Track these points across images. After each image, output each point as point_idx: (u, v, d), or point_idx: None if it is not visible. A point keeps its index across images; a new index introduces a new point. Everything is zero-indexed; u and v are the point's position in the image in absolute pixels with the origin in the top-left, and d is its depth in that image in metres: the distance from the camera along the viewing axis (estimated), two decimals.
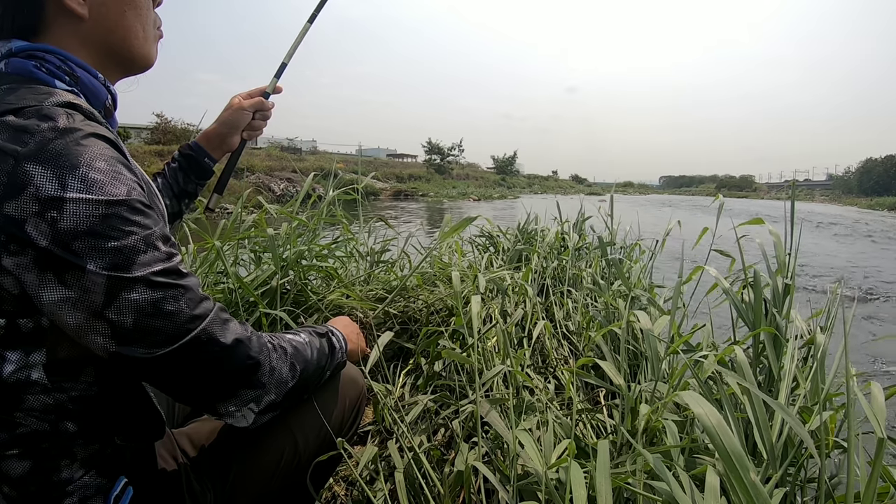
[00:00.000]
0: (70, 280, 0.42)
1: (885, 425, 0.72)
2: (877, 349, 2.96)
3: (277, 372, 0.55)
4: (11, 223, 0.41)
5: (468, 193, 32.86)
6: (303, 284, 1.52)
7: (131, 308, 0.44)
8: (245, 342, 0.52)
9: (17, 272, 0.42)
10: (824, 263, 6.49)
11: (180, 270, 0.49)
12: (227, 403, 0.52)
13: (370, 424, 1.10)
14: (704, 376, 0.97)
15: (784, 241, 1.27)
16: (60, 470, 0.50)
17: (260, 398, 0.54)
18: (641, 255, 2.35)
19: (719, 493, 0.64)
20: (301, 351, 0.61)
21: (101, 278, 0.43)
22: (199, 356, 0.49)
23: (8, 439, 0.47)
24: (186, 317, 0.48)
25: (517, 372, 1.06)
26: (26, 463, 0.48)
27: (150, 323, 0.46)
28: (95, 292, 0.43)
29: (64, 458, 0.50)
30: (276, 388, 0.55)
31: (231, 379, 0.51)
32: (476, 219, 1.88)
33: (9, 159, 0.41)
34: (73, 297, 0.43)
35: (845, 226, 13.69)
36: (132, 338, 0.45)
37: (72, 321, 0.44)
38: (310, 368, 0.62)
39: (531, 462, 0.79)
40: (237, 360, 0.51)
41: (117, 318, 0.44)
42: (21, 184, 0.41)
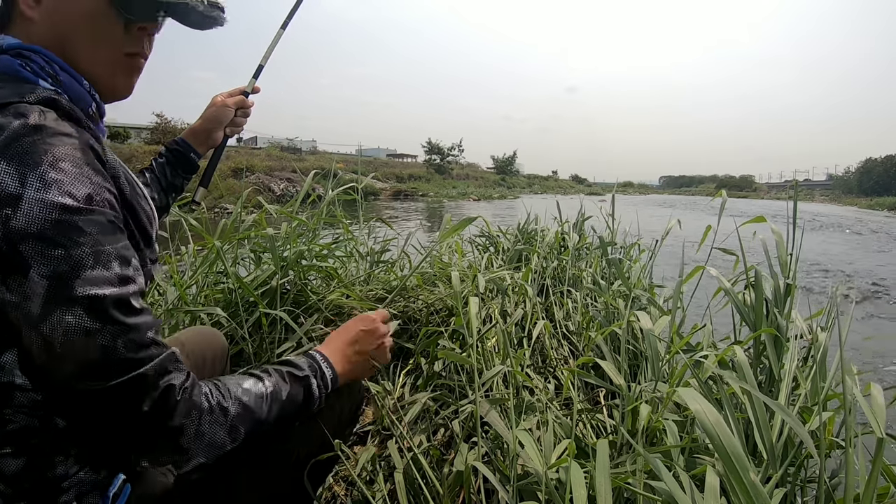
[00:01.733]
0: (12, 283, 0.41)
1: (884, 425, 0.72)
2: (879, 348, 2.95)
3: (208, 437, 0.50)
4: None
5: (468, 193, 32.86)
6: (303, 284, 1.52)
7: (63, 330, 0.41)
8: (171, 405, 0.47)
9: None
10: (827, 263, 6.49)
11: (130, 303, 0.45)
12: (143, 459, 0.51)
13: (370, 424, 1.10)
14: (705, 376, 0.97)
15: (786, 241, 1.27)
16: (55, 466, 0.49)
17: (180, 463, 0.50)
18: (641, 254, 2.35)
19: (719, 493, 0.64)
20: (252, 410, 0.55)
21: (41, 287, 0.40)
22: (119, 406, 0.45)
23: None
24: (118, 359, 0.43)
25: (517, 372, 1.06)
26: (20, 460, 0.47)
27: (78, 354, 0.42)
28: (34, 301, 0.41)
29: (57, 454, 0.49)
30: (205, 451, 0.51)
31: (147, 439, 0.48)
32: (476, 219, 1.88)
33: None
34: (13, 301, 0.41)
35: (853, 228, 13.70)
36: (58, 360, 0.42)
37: (14, 324, 0.42)
38: (263, 426, 0.57)
39: (531, 462, 0.79)
40: (157, 422, 0.47)
41: (50, 333, 0.41)
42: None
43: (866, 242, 9.81)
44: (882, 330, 3.58)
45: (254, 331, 1.36)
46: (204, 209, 1.71)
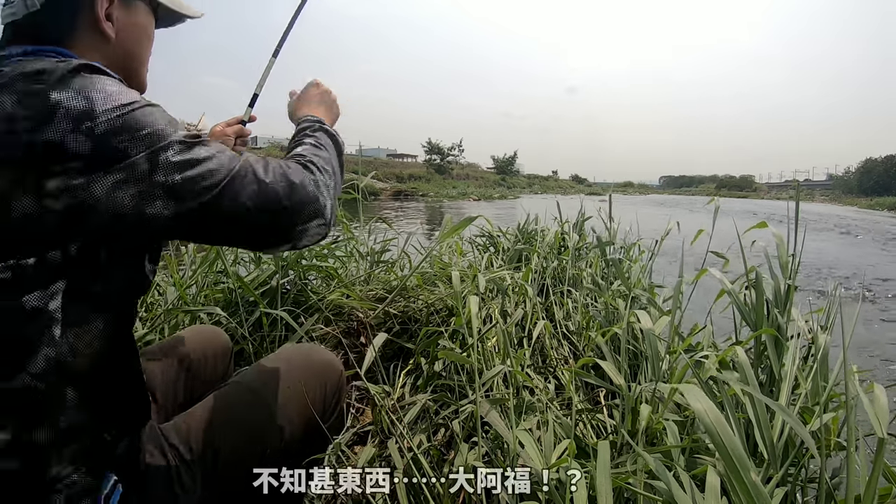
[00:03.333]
0: (117, 168, 0.47)
1: (886, 425, 0.72)
2: (880, 348, 2.95)
3: (322, 184, 0.60)
4: (52, 147, 0.45)
5: (468, 193, 32.87)
6: (303, 284, 1.52)
7: (173, 166, 0.50)
8: (281, 171, 0.57)
9: (62, 186, 0.45)
10: (828, 263, 6.49)
11: (203, 136, 0.54)
12: (297, 227, 0.58)
13: (369, 425, 1.10)
14: (705, 376, 0.97)
15: (786, 243, 1.27)
16: (50, 467, 0.49)
17: (321, 210, 0.59)
18: (641, 254, 2.35)
19: (720, 493, 0.64)
20: (323, 163, 0.65)
21: (143, 157, 0.48)
22: (245, 189, 0.54)
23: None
24: (225, 158, 0.54)
25: (517, 372, 1.06)
26: (14, 461, 0.47)
27: (194, 171, 0.51)
28: (141, 168, 0.48)
29: (53, 451, 0.49)
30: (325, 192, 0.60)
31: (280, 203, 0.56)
32: (476, 219, 1.88)
33: (35, 97, 0.46)
34: (122, 178, 0.47)
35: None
36: (183, 192, 0.50)
37: (129, 200, 0.48)
38: (332, 160, 0.67)
39: (531, 462, 0.79)
40: (279, 188, 0.56)
41: (165, 178, 0.49)
42: (51, 110, 0.45)
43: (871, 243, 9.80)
44: (883, 329, 3.58)
45: (254, 330, 1.35)
46: None
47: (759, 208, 18.99)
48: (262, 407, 0.66)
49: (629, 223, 2.56)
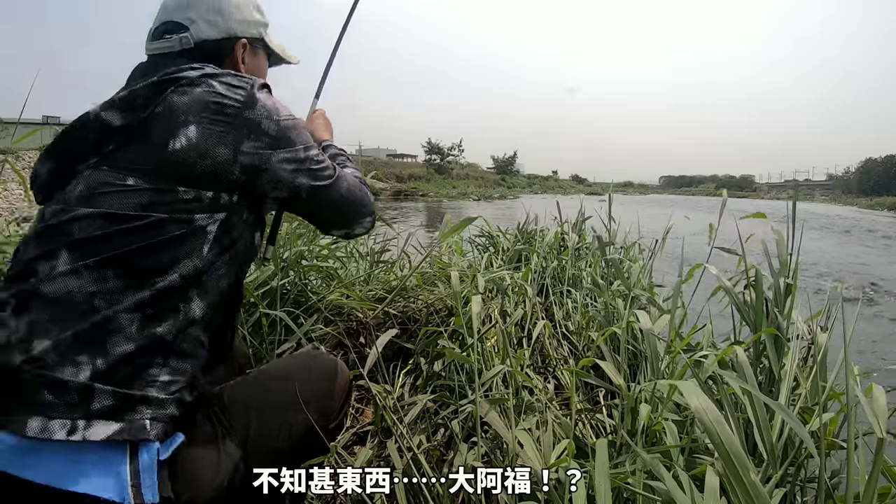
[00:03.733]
0: (287, 150, 0.69)
1: (885, 425, 0.72)
2: (881, 348, 2.95)
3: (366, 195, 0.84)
4: (253, 124, 0.66)
5: (468, 193, 32.85)
6: (303, 285, 1.52)
7: (313, 159, 0.73)
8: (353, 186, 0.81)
9: (252, 150, 0.65)
10: (828, 262, 6.49)
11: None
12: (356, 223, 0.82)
13: (369, 425, 1.10)
14: (705, 376, 0.97)
15: (787, 241, 1.27)
16: (148, 374, 0.57)
17: (372, 211, 0.84)
18: (640, 254, 2.35)
19: (719, 493, 0.64)
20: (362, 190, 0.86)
21: (301, 149, 0.71)
22: (342, 186, 0.77)
23: (138, 303, 0.57)
24: (329, 163, 0.77)
25: (517, 372, 1.06)
26: (130, 345, 0.56)
27: (321, 166, 0.74)
28: (300, 155, 0.71)
29: (156, 362, 0.58)
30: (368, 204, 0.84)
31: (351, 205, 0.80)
32: (476, 219, 1.88)
33: (242, 89, 0.67)
34: (288, 157, 0.70)
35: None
36: (316, 175, 0.73)
37: (288, 173, 0.70)
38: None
39: (530, 462, 0.79)
40: (358, 189, 0.81)
41: (309, 166, 0.72)
42: (254, 101, 0.67)
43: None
44: (884, 329, 3.58)
45: (254, 331, 1.35)
46: None
47: (759, 209, 18.96)
48: (286, 396, 0.72)
49: (629, 223, 2.56)
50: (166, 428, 0.57)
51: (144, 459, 0.54)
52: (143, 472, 0.53)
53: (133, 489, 0.52)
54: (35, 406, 0.52)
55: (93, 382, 0.53)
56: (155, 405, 0.56)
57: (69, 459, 0.52)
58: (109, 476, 0.52)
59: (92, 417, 0.53)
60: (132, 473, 0.53)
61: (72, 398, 0.53)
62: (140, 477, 0.53)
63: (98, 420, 0.53)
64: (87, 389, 0.53)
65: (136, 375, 0.56)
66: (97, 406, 0.53)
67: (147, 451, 0.54)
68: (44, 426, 0.51)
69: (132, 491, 0.52)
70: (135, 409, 0.55)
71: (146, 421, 0.55)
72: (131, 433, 0.54)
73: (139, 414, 0.55)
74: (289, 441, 0.72)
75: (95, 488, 0.51)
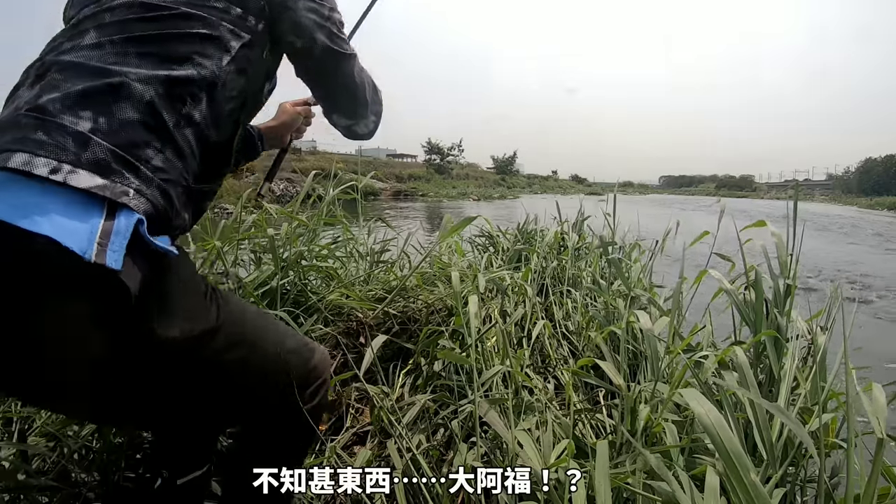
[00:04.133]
0: (310, 1, 0.71)
1: (885, 425, 0.72)
2: (881, 348, 2.95)
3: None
4: None
5: (468, 193, 32.86)
6: (303, 285, 1.51)
7: (337, 20, 0.76)
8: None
9: None
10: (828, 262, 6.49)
11: None
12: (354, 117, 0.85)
13: (369, 425, 1.10)
14: (705, 377, 0.97)
15: (786, 242, 1.27)
16: (144, 152, 0.55)
17: (379, 114, 0.88)
18: (641, 254, 2.35)
19: (719, 492, 0.64)
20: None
21: (326, 8, 0.74)
22: (356, 65, 0.79)
23: (151, 79, 0.57)
24: (346, 40, 0.79)
25: (516, 372, 1.06)
26: (135, 115, 0.55)
27: (336, 31, 0.76)
28: (323, 12, 0.73)
29: (153, 145, 0.57)
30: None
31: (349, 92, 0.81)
32: (476, 219, 1.88)
33: None
34: (313, 6, 0.72)
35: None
36: (325, 30, 0.74)
37: (307, 21, 0.71)
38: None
39: (530, 462, 0.79)
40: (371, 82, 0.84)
41: (329, 16, 0.75)
42: None
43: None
44: (885, 328, 3.58)
45: None
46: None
47: (759, 209, 19.00)
48: (274, 339, 0.70)
49: (629, 223, 2.56)
50: (147, 209, 0.54)
51: (121, 222, 0.50)
52: (116, 234, 0.49)
53: (98, 246, 0.47)
54: (26, 142, 0.50)
55: (91, 134, 0.52)
56: (143, 180, 0.54)
57: (40, 198, 0.48)
58: (78, 225, 0.48)
59: (79, 166, 0.50)
60: (103, 231, 0.49)
61: (65, 141, 0.51)
62: (110, 238, 0.49)
63: (85, 170, 0.50)
64: (82, 137, 0.52)
65: (132, 145, 0.55)
66: (88, 156, 0.51)
67: (126, 216, 0.51)
68: (28, 161, 0.48)
69: (97, 248, 0.47)
70: (123, 174, 0.52)
71: (130, 189, 0.52)
72: (114, 193, 0.51)
73: (126, 180, 0.52)
74: (263, 367, 0.69)
75: (57, 232, 0.46)
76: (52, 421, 1.04)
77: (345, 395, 1.17)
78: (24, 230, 0.45)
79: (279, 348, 0.71)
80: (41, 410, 1.09)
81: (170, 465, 0.83)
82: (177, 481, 0.81)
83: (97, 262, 0.47)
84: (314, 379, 0.75)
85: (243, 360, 0.67)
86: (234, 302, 0.69)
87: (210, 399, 0.68)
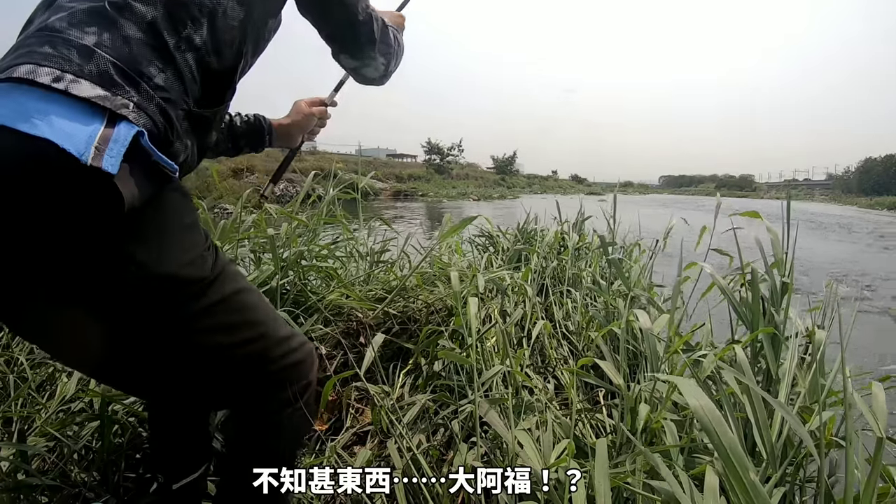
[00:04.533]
0: None
1: (884, 425, 0.72)
2: (881, 347, 2.95)
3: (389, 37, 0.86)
4: None
5: (468, 193, 32.85)
6: (302, 285, 1.52)
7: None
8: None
9: None
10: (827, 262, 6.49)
11: None
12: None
13: (369, 425, 1.10)
14: (704, 376, 0.97)
15: (782, 240, 1.27)
16: (147, 70, 0.56)
17: (391, 60, 0.87)
18: (641, 254, 2.35)
19: (718, 492, 0.64)
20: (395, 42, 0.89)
21: None
22: (347, 5, 0.77)
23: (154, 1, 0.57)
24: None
25: (516, 372, 1.06)
26: (139, 34, 0.56)
27: None
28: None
29: (156, 64, 0.57)
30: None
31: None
32: (475, 218, 1.88)
33: None
34: None
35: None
36: None
37: None
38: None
39: (530, 462, 0.79)
40: (380, 21, 0.82)
41: None
42: None
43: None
44: (884, 328, 3.58)
45: None
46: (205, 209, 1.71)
47: (759, 209, 18.97)
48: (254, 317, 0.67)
49: (629, 223, 2.56)
50: (147, 124, 0.54)
51: (120, 131, 0.50)
52: (115, 141, 0.49)
53: (95, 150, 0.47)
54: (32, 55, 0.51)
55: (95, 48, 0.53)
56: (144, 96, 0.54)
57: (41, 104, 0.48)
58: (77, 129, 0.48)
59: (82, 76, 0.51)
60: (101, 137, 0.49)
61: (69, 53, 0.52)
62: (108, 143, 0.49)
63: (87, 81, 0.51)
64: (86, 50, 0.52)
65: (135, 61, 0.55)
66: (91, 68, 0.52)
67: (126, 127, 0.51)
68: (32, 70, 0.49)
69: (93, 152, 0.47)
70: (124, 87, 0.53)
71: (131, 102, 0.53)
72: (115, 105, 0.51)
73: (127, 93, 0.53)
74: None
75: (56, 135, 0.46)
76: (52, 421, 1.05)
77: (345, 394, 1.17)
78: (24, 133, 0.46)
79: (268, 327, 0.68)
80: (39, 411, 1.09)
81: (167, 467, 0.83)
82: (172, 486, 0.81)
83: (93, 166, 0.47)
84: (298, 374, 0.72)
85: (232, 327, 0.64)
86: (232, 267, 0.68)
87: (195, 365, 0.64)
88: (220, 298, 0.63)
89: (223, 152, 1.02)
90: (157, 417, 0.86)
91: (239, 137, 1.00)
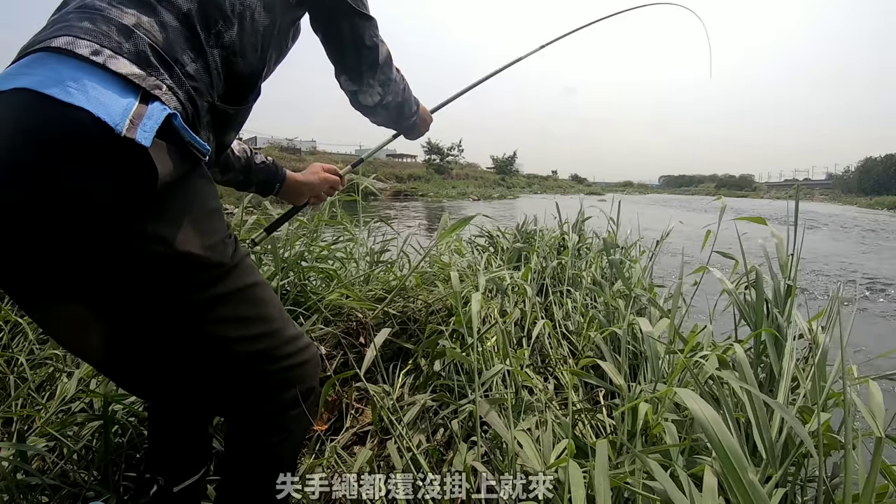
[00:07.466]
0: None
1: (884, 424, 0.72)
2: (882, 347, 2.95)
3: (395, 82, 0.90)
4: None
5: (468, 193, 32.84)
6: (302, 285, 1.52)
7: None
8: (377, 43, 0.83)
9: None
10: (828, 261, 6.49)
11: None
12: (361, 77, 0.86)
13: (369, 425, 1.10)
14: (705, 376, 0.97)
15: (786, 242, 1.27)
16: (181, 56, 0.57)
17: (378, 88, 0.88)
18: (641, 255, 2.35)
19: (717, 492, 0.64)
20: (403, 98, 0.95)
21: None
22: (375, 30, 0.81)
23: None
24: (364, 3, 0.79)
25: (516, 371, 1.06)
26: (175, 21, 0.57)
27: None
28: None
29: (189, 53, 0.58)
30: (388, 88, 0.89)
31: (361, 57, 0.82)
32: (475, 217, 1.88)
33: None
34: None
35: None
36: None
37: None
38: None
39: (530, 462, 0.79)
40: (385, 52, 0.85)
41: None
42: None
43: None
44: (884, 328, 3.58)
45: None
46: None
47: (759, 208, 18.98)
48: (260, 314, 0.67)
49: (629, 223, 2.56)
50: (177, 108, 0.55)
51: (155, 108, 0.51)
52: (148, 117, 0.50)
53: (130, 123, 0.48)
54: (71, 29, 0.52)
55: (134, 28, 0.54)
56: (176, 81, 0.56)
57: (78, 73, 0.49)
58: (113, 100, 0.48)
59: (120, 53, 0.52)
60: (136, 113, 0.49)
61: (109, 30, 0.53)
62: (143, 119, 0.49)
63: (124, 58, 0.52)
64: (126, 29, 0.54)
65: (171, 48, 0.56)
66: (129, 47, 0.53)
67: (159, 107, 0.52)
68: (71, 41, 0.50)
69: (128, 124, 0.48)
70: (159, 69, 0.54)
71: (164, 85, 0.54)
72: (149, 84, 0.52)
73: (161, 76, 0.54)
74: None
75: (91, 104, 0.47)
76: (52, 421, 1.05)
77: (345, 394, 1.17)
78: (59, 101, 0.46)
79: (279, 325, 0.68)
80: (39, 411, 1.09)
81: (167, 469, 0.82)
82: (173, 489, 0.81)
83: (127, 137, 0.47)
84: (303, 375, 0.71)
85: (246, 319, 0.64)
86: (249, 260, 0.68)
87: (204, 356, 0.63)
88: (237, 288, 0.63)
89: (232, 182, 1.03)
90: (158, 418, 0.86)
91: (252, 174, 1.03)
